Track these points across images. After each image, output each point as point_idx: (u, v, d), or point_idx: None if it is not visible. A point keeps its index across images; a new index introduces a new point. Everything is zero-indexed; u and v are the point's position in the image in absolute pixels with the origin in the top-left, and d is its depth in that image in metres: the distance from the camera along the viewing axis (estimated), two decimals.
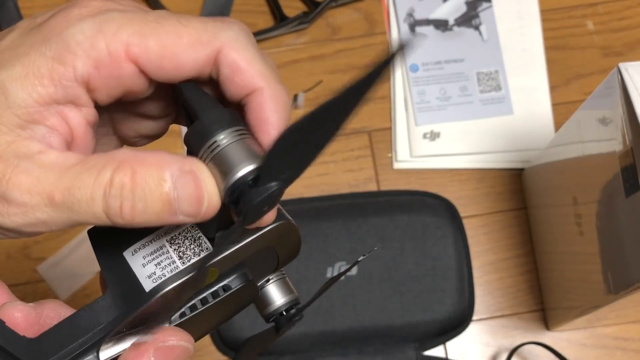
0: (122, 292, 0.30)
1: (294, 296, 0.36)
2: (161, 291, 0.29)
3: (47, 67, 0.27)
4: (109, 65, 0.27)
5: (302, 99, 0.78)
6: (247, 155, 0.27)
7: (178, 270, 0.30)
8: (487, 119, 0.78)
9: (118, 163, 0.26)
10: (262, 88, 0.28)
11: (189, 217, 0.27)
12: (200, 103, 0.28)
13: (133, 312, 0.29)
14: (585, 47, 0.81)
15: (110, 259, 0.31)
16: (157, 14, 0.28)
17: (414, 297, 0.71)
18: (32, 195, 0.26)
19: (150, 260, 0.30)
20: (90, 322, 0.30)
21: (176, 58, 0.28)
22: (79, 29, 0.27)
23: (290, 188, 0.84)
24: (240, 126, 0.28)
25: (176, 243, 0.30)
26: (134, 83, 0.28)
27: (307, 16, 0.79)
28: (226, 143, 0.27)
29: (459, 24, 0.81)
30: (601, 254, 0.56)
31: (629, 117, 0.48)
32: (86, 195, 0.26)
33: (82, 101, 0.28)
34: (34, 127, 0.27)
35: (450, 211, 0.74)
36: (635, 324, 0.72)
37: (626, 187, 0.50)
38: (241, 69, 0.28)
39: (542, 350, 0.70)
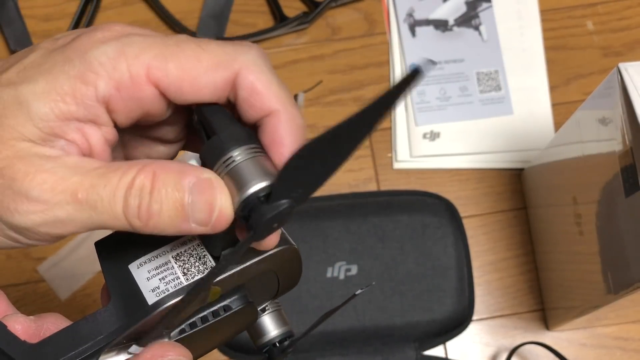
0: (125, 303, 0.31)
1: (288, 328, 0.37)
2: (163, 305, 0.29)
3: (70, 85, 0.28)
4: (130, 87, 0.28)
5: (302, 99, 0.78)
6: (260, 173, 0.28)
7: (182, 286, 0.30)
8: (487, 119, 0.78)
9: (142, 166, 0.27)
10: (279, 110, 0.29)
11: (200, 226, 0.27)
12: (219, 120, 0.29)
13: (134, 324, 0.29)
14: (585, 47, 0.81)
15: (115, 271, 0.31)
16: (177, 38, 0.29)
17: (414, 297, 0.71)
18: (54, 193, 0.27)
19: (154, 275, 0.31)
20: (91, 331, 0.30)
21: (195, 81, 0.28)
22: (102, 50, 0.28)
23: None
24: (255, 144, 0.29)
25: (181, 259, 0.31)
26: (153, 105, 0.29)
27: (307, 16, 0.79)
28: (241, 159, 0.28)
29: (458, 24, 0.81)
30: (601, 254, 0.56)
31: (628, 117, 0.48)
32: (109, 194, 0.27)
33: (103, 120, 0.29)
34: (54, 140, 0.28)
35: (450, 211, 0.74)
36: (635, 324, 0.72)
37: (626, 187, 0.50)
38: (259, 92, 0.29)
39: (542, 350, 0.70)
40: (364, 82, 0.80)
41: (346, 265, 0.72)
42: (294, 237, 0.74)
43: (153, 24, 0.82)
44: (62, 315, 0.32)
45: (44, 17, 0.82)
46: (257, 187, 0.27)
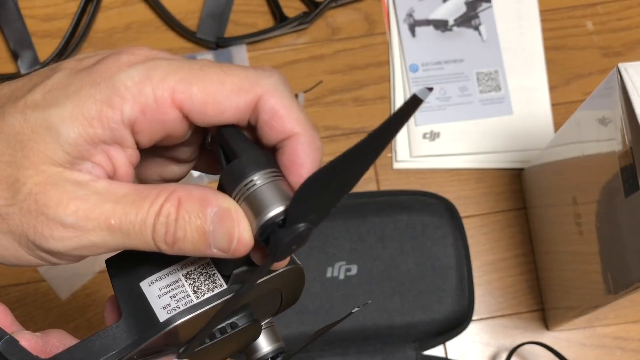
0: (137, 320, 0.31)
1: (280, 344, 0.38)
2: (175, 322, 0.30)
3: (97, 110, 0.28)
4: (155, 110, 0.29)
5: (302, 99, 0.78)
6: (279, 197, 0.28)
7: (192, 304, 0.31)
8: (487, 119, 0.78)
9: (168, 193, 0.29)
10: (299, 133, 0.30)
11: (221, 252, 0.29)
12: (239, 144, 0.30)
13: (147, 340, 0.30)
14: (585, 47, 0.81)
15: (126, 288, 0.32)
16: (201, 63, 0.30)
17: (413, 297, 0.71)
18: (88, 220, 0.28)
19: (165, 293, 0.31)
20: (103, 347, 0.31)
21: (219, 104, 0.29)
22: (128, 75, 0.29)
23: None
24: (274, 169, 0.29)
25: (191, 278, 0.32)
26: (176, 128, 0.30)
27: (307, 16, 0.79)
28: (260, 184, 0.29)
29: (458, 24, 0.81)
30: (601, 254, 0.56)
31: (628, 117, 0.48)
32: (140, 222, 0.28)
33: (127, 143, 0.29)
34: (81, 162, 0.29)
35: (450, 211, 0.74)
36: (634, 324, 0.73)
37: (626, 187, 0.50)
38: (280, 115, 0.30)
39: (541, 350, 0.70)
40: (364, 82, 0.80)
41: (346, 265, 0.72)
42: None
43: (153, 24, 0.82)
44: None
45: (44, 17, 0.82)
46: (274, 212, 0.28)
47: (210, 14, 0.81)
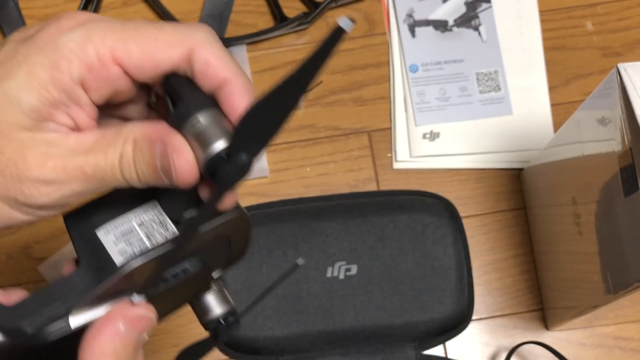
0: (95, 265, 0.34)
1: (230, 306, 0.40)
2: (131, 265, 0.33)
3: (48, 75, 0.31)
4: (99, 68, 0.32)
5: (302, 99, 0.78)
6: (221, 133, 0.31)
7: (147, 249, 0.34)
8: (487, 119, 0.79)
9: (125, 136, 0.32)
10: (231, 79, 0.33)
11: (171, 182, 0.32)
12: (184, 88, 0.33)
13: (104, 282, 0.33)
14: (585, 48, 0.81)
15: (84, 238, 0.35)
16: (136, 23, 0.33)
17: (413, 297, 0.71)
18: (67, 173, 0.32)
19: (121, 240, 0.34)
20: (63, 292, 0.33)
21: (154, 58, 0.32)
22: (70, 38, 0.31)
23: (290, 188, 0.83)
24: (216, 108, 0.32)
25: (145, 226, 0.35)
26: (120, 83, 0.33)
27: (307, 17, 0.80)
28: (204, 122, 0.31)
29: (458, 25, 0.81)
30: (600, 254, 0.56)
31: (628, 117, 0.48)
32: (110, 165, 0.32)
33: (83, 100, 0.32)
34: (47, 124, 0.32)
35: (450, 211, 0.74)
36: (634, 324, 0.73)
37: (625, 187, 0.50)
38: (212, 64, 0.32)
39: (541, 349, 0.70)
40: (364, 82, 0.80)
41: (346, 265, 0.72)
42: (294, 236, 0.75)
43: None
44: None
45: (44, 17, 0.82)
46: (218, 145, 0.31)
47: (210, 14, 0.81)
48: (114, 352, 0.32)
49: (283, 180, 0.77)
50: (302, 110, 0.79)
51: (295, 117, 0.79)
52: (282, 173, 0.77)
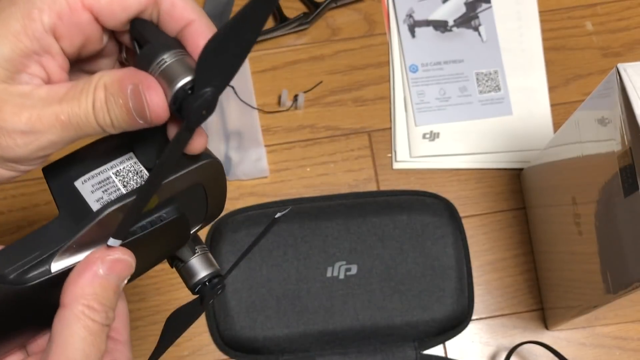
0: (73, 213, 0.35)
1: (216, 268, 0.41)
2: (107, 210, 0.34)
3: (21, 25, 0.32)
4: (70, 15, 0.33)
5: (302, 99, 0.78)
6: (186, 69, 0.32)
7: (122, 195, 0.35)
8: (487, 119, 0.79)
9: (96, 82, 0.33)
10: (195, 20, 0.34)
11: (144, 121, 0.32)
12: (151, 32, 0.34)
13: (83, 228, 0.34)
14: (584, 48, 0.81)
15: (62, 188, 0.36)
16: None
17: (413, 297, 0.71)
18: (42, 123, 0.32)
19: (98, 188, 0.35)
20: (43, 240, 0.34)
21: (123, 1, 0.33)
22: None
23: (290, 188, 0.83)
24: (182, 49, 0.33)
25: (121, 175, 0.36)
26: (91, 30, 0.34)
27: (307, 17, 0.80)
28: (170, 61, 0.32)
29: (458, 25, 0.81)
30: (600, 254, 0.56)
31: (627, 117, 0.48)
32: (84, 112, 0.33)
33: (54, 50, 0.33)
34: (20, 75, 0.33)
35: (450, 211, 0.75)
36: (634, 324, 0.73)
37: (625, 187, 0.50)
38: (177, 5, 0.34)
39: (541, 349, 0.70)
40: (364, 82, 0.80)
41: (346, 265, 0.72)
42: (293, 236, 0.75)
43: None
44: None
45: None
46: (183, 81, 0.32)
47: (210, 14, 0.81)
48: (93, 295, 0.33)
49: (283, 180, 0.77)
50: (302, 110, 0.79)
51: (295, 117, 0.79)
52: (282, 173, 0.77)
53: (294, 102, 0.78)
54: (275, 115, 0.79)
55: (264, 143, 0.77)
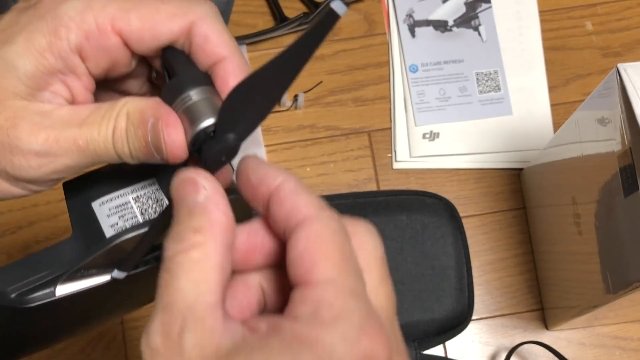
0: (85, 236, 0.34)
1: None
2: (120, 239, 0.32)
3: (46, 42, 0.31)
4: (98, 36, 0.31)
5: (302, 99, 0.78)
6: (211, 110, 0.30)
7: (138, 224, 0.33)
8: (487, 119, 0.79)
9: (119, 109, 0.31)
10: (228, 57, 0.32)
11: (160, 157, 0.31)
12: (180, 63, 0.32)
13: (93, 254, 0.33)
14: (584, 48, 0.81)
15: (79, 208, 0.35)
16: None
17: (413, 297, 0.71)
18: (59, 145, 0.31)
19: (114, 212, 0.34)
20: (52, 260, 0.33)
21: (155, 30, 0.32)
22: (71, 5, 0.31)
23: None
24: (210, 86, 0.32)
25: (140, 201, 0.34)
26: (119, 54, 0.32)
27: (308, 17, 0.80)
28: (196, 99, 0.31)
29: (458, 25, 0.81)
30: (600, 254, 0.56)
31: (627, 117, 0.48)
32: (103, 139, 0.31)
33: (80, 70, 0.32)
34: (42, 93, 0.32)
35: (450, 211, 0.75)
36: (634, 324, 0.73)
37: (625, 187, 0.50)
38: (211, 40, 0.32)
39: (541, 349, 0.70)
40: (364, 82, 0.80)
41: None
42: None
43: None
44: None
45: None
46: (205, 123, 0.30)
47: None
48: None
49: None
50: (302, 110, 0.79)
51: (295, 117, 0.79)
52: None
53: (294, 102, 0.78)
54: (275, 115, 0.79)
55: (264, 143, 0.77)
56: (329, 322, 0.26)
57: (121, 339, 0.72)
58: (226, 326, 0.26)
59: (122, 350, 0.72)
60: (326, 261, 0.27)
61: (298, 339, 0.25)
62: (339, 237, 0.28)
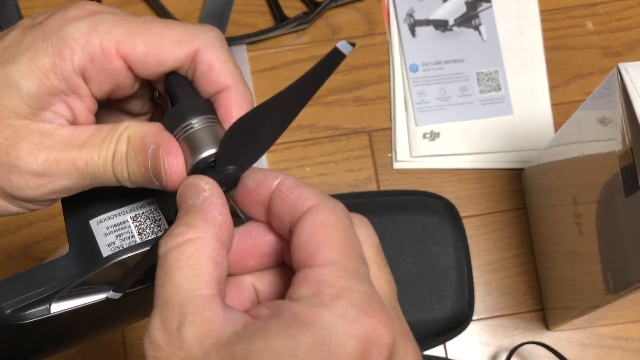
0: (82, 254, 0.34)
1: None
2: (116, 259, 0.33)
3: (50, 62, 0.31)
4: (102, 60, 0.31)
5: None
6: (212, 140, 0.30)
7: (135, 244, 0.33)
8: (487, 119, 0.78)
9: (120, 133, 0.31)
10: (232, 86, 0.32)
11: (159, 183, 0.31)
12: (184, 90, 0.32)
13: (89, 273, 0.33)
14: (585, 47, 0.81)
15: (77, 226, 0.34)
16: (144, 18, 0.32)
17: (413, 297, 0.71)
18: (59, 167, 0.31)
19: (112, 231, 0.34)
20: (48, 277, 0.33)
21: (159, 55, 0.32)
22: (76, 27, 0.31)
23: None
24: (213, 115, 0.32)
25: (138, 220, 0.34)
26: (122, 77, 0.32)
27: (307, 16, 0.79)
28: (197, 127, 0.31)
29: (458, 24, 0.81)
30: (601, 254, 0.56)
31: (628, 117, 0.48)
32: (103, 161, 0.31)
33: (83, 92, 0.32)
34: (44, 113, 0.32)
35: (450, 211, 0.74)
36: (635, 324, 0.73)
37: (626, 187, 0.50)
38: (216, 68, 0.32)
39: (541, 350, 0.70)
40: (364, 82, 0.80)
41: None
42: None
43: None
44: None
45: None
46: (206, 153, 0.30)
47: (210, 14, 0.81)
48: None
49: None
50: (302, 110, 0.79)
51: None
52: None
53: None
54: None
55: None
56: (329, 302, 0.26)
57: (121, 339, 0.71)
58: (226, 316, 0.26)
59: (122, 350, 0.71)
60: (330, 244, 0.28)
61: (297, 320, 0.25)
62: (344, 223, 0.29)
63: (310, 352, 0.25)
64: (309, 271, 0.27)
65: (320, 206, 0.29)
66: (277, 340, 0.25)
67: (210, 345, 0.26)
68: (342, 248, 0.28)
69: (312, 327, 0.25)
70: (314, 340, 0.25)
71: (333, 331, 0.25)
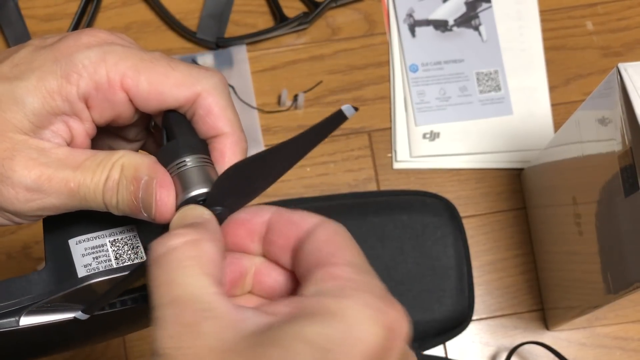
0: (58, 271, 0.34)
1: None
2: (91, 280, 0.33)
3: (57, 84, 0.32)
4: (106, 90, 0.32)
5: (302, 99, 0.78)
6: (203, 180, 0.31)
7: (111, 268, 0.34)
8: (487, 119, 0.78)
9: (115, 161, 0.32)
10: (229, 134, 0.33)
11: (148, 215, 0.32)
12: (180, 128, 0.33)
13: (62, 291, 0.33)
14: (585, 48, 0.81)
15: (55, 243, 0.35)
16: (152, 55, 0.33)
17: (413, 297, 0.71)
18: (51, 184, 0.32)
19: (90, 253, 0.34)
20: (21, 290, 0.34)
21: (161, 95, 0.33)
22: (86, 55, 0.32)
23: (290, 188, 0.84)
24: (206, 156, 0.33)
25: (116, 245, 0.35)
26: (123, 109, 0.33)
27: (307, 16, 0.80)
28: (191, 165, 0.32)
29: (458, 25, 0.81)
30: (600, 254, 0.56)
31: (628, 117, 0.48)
32: (94, 186, 0.32)
33: (84, 116, 0.33)
34: (44, 131, 0.33)
35: (450, 211, 0.74)
36: (634, 324, 0.73)
37: (625, 187, 0.50)
38: (214, 114, 0.33)
39: (541, 349, 0.70)
40: (364, 82, 0.80)
41: None
42: None
43: (153, 24, 0.82)
44: None
45: (44, 17, 0.82)
46: (197, 192, 0.31)
47: (210, 14, 0.81)
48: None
49: (283, 180, 0.76)
50: (302, 110, 0.79)
51: (295, 116, 0.79)
52: None
53: (294, 102, 0.78)
54: (275, 115, 0.78)
55: (263, 143, 0.77)
56: (353, 294, 0.28)
57: (121, 339, 0.71)
58: (239, 312, 0.27)
59: (122, 351, 0.71)
60: (346, 249, 0.30)
61: (326, 311, 0.27)
62: (349, 235, 0.32)
63: (343, 339, 0.26)
64: (331, 269, 0.29)
65: (326, 221, 0.31)
66: (310, 330, 0.26)
67: (230, 339, 0.26)
68: (357, 253, 0.30)
69: (341, 316, 0.27)
70: (345, 327, 0.27)
71: (362, 319, 0.27)
